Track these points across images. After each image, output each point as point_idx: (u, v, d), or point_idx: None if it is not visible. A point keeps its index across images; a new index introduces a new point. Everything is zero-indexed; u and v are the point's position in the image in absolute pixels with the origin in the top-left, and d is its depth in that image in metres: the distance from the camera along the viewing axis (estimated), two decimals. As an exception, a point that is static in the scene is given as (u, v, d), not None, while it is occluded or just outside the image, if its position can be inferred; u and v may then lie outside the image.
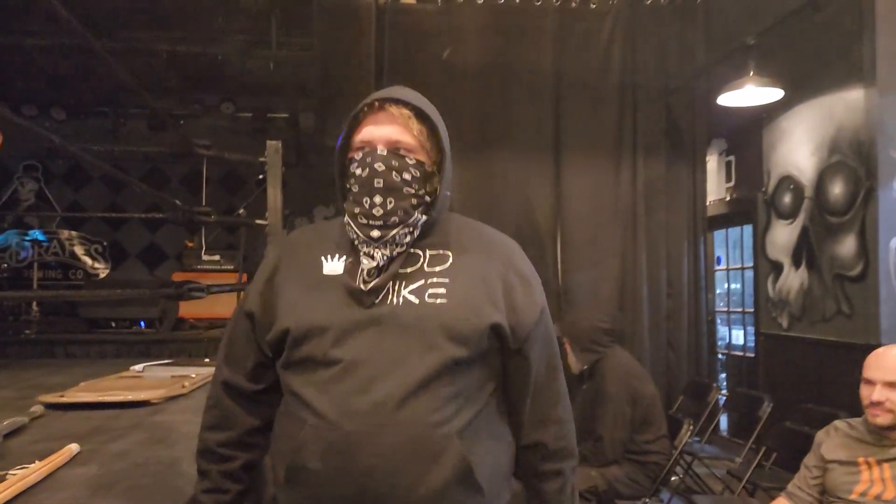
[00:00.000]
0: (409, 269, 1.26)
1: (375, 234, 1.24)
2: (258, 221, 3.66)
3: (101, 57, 2.30)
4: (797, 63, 4.32)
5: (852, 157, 3.93)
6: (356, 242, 1.26)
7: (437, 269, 1.26)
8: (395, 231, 1.25)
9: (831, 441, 2.19)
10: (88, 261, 7.12)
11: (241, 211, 4.66)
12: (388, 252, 1.24)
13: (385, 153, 1.26)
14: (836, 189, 4.06)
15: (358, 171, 1.26)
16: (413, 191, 1.27)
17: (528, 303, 1.28)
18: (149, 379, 2.60)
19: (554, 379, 1.34)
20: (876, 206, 3.73)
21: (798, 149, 4.43)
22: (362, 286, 1.22)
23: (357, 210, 1.25)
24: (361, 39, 4.59)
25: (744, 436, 4.16)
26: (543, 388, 1.33)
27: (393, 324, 1.20)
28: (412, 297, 1.22)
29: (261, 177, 3.76)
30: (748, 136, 4.99)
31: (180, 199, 3.58)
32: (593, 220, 5.25)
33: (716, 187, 5.55)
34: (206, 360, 3.09)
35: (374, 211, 1.24)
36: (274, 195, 3.52)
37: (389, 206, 1.24)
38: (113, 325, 3.92)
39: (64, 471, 1.45)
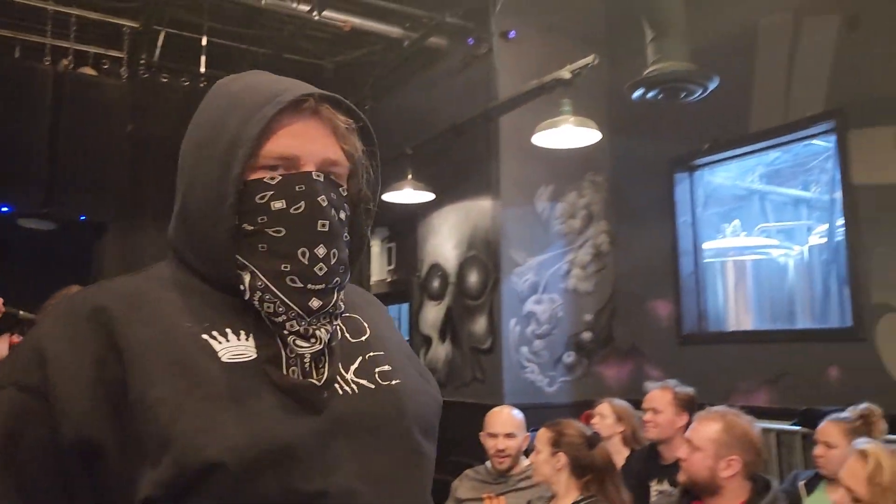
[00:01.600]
0: (333, 343, 0.84)
1: (316, 303, 0.80)
2: None
3: None
4: (445, 173, 5.24)
5: (483, 253, 4.90)
6: (279, 318, 0.79)
7: (363, 338, 0.90)
8: (336, 297, 0.83)
9: (463, 486, 2.84)
10: None
11: None
12: (330, 327, 0.82)
13: (322, 179, 0.81)
14: (473, 278, 5.00)
15: (280, 205, 0.79)
16: (347, 237, 0.85)
17: (426, 371, 0.99)
18: None
19: None
20: (500, 293, 4.71)
21: (445, 242, 5.34)
22: (313, 379, 0.79)
23: (285, 267, 0.79)
24: (36, 104, 4.39)
25: (400, 490, 4.75)
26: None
27: (363, 426, 0.81)
28: (364, 381, 0.84)
29: None
30: (407, 227, 5.79)
31: None
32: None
33: (379, 269, 6.29)
34: None
35: (317, 269, 0.79)
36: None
37: (333, 261, 0.81)
38: None
39: None
